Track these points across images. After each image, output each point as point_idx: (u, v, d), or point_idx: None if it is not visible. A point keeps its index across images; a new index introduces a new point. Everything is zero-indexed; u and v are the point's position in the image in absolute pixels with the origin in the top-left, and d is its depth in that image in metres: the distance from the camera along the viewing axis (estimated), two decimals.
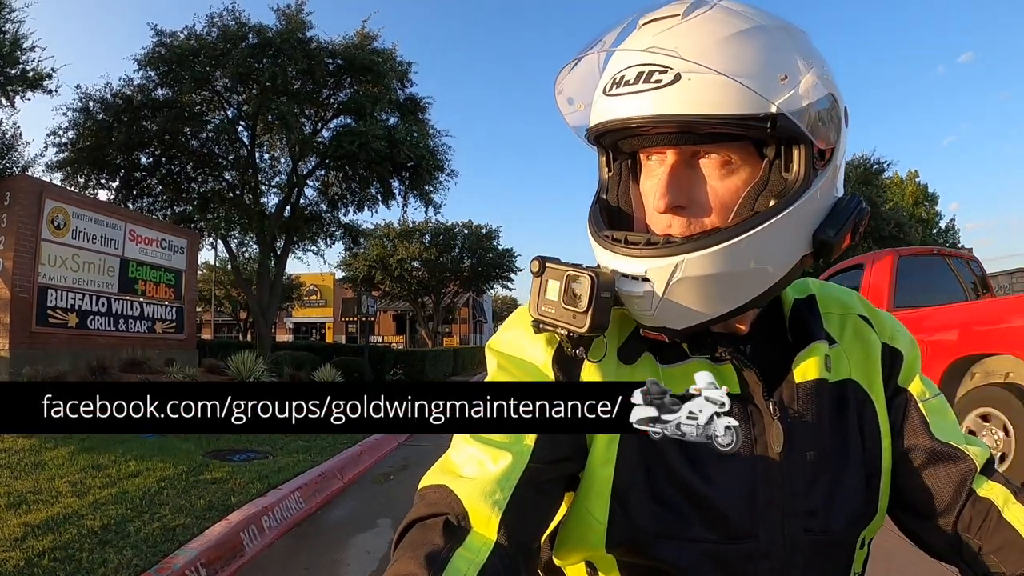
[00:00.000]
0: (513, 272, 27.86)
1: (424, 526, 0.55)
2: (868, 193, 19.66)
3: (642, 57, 0.57)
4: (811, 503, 0.61)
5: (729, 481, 0.60)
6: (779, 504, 0.60)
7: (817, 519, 0.61)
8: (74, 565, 3.00)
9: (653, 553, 0.59)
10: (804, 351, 0.64)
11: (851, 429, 0.65)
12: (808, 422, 0.63)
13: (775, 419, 0.61)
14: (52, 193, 9.29)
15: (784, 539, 0.60)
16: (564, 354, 0.63)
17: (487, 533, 0.54)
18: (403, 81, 14.59)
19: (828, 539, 0.62)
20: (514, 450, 0.57)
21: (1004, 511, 0.61)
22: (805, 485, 0.61)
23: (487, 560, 0.52)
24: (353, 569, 3.57)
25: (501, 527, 0.54)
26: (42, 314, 8.72)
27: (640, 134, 0.60)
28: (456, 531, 0.54)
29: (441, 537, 0.53)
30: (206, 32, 12.90)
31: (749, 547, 0.59)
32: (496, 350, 0.67)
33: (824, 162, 0.60)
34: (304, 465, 5.45)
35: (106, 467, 4.74)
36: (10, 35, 9.53)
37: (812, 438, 0.62)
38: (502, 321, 0.79)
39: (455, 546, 0.52)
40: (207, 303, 31.13)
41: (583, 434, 0.61)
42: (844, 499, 0.62)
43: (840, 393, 0.66)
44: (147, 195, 14.59)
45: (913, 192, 31.47)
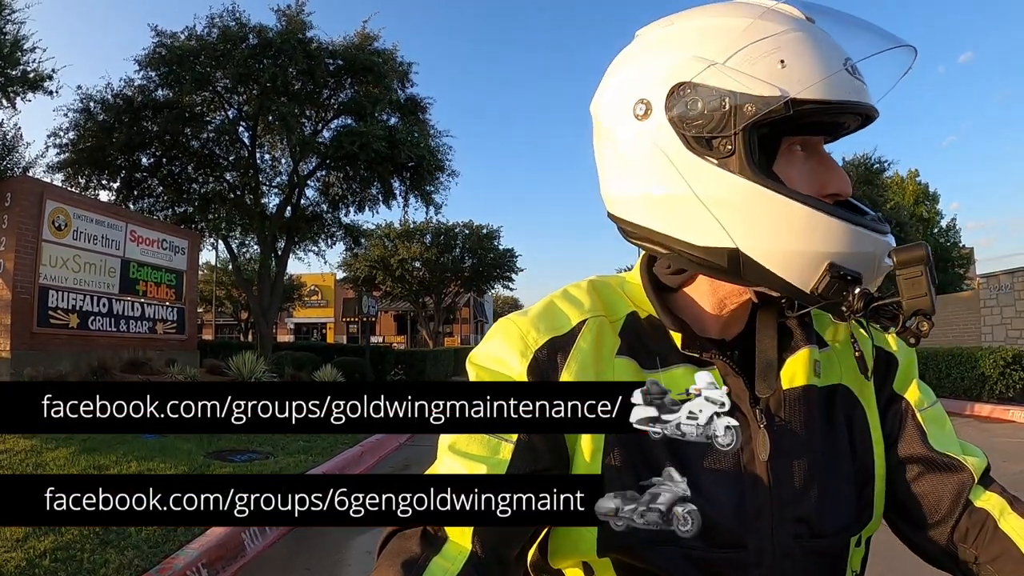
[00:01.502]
0: (514, 272, 27.87)
1: (403, 536, 0.56)
2: (869, 192, 19.62)
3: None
4: (800, 510, 0.60)
5: (717, 491, 0.59)
6: (768, 513, 0.59)
7: (807, 526, 0.60)
8: (75, 565, 3.01)
9: (644, 559, 0.59)
10: (792, 357, 0.64)
11: (840, 436, 0.65)
12: (795, 430, 0.62)
13: (761, 427, 0.61)
14: (53, 194, 9.31)
15: (774, 547, 0.59)
16: (539, 364, 0.63)
17: (462, 542, 0.55)
18: (404, 81, 14.62)
19: (819, 545, 0.61)
20: (489, 463, 0.58)
21: (1000, 522, 0.61)
22: (794, 493, 0.60)
23: (461, 569, 0.53)
24: (354, 569, 3.57)
25: (475, 537, 0.55)
26: (43, 315, 8.73)
27: (840, 121, 0.63)
28: (433, 540, 0.55)
29: (419, 546, 0.54)
30: (206, 33, 12.92)
31: (739, 556, 0.59)
32: (474, 363, 0.66)
33: None
34: (305, 465, 5.45)
35: (107, 467, 4.74)
36: (11, 36, 9.54)
37: (800, 445, 0.62)
38: None
39: (431, 554, 0.54)
40: (208, 304, 31.15)
41: (571, 439, 0.61)
42: (834, 506, 0.62)
43: (830, 398, 0.66)
44: (148, 196, 14.61)
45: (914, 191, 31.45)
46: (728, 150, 0.57)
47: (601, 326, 0.65)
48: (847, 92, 0.57)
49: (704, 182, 0.58)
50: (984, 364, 10.70)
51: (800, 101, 0.55)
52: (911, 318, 0.55)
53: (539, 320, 0.65)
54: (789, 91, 0.55)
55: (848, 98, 0.57)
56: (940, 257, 30.95)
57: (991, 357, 10.68)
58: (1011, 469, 5.62)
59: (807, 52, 0.57)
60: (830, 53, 0.58)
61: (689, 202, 0.59)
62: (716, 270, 0.60)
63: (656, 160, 0.60)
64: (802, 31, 0.58)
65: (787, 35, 0.57)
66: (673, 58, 0.60)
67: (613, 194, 0.66)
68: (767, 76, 0.56)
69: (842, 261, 0.56)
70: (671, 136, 0.59)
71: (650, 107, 0.60)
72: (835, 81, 0.56)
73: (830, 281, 0.56)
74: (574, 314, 0.66)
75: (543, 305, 0.68)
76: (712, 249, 0.59)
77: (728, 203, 0.58)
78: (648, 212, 0.62)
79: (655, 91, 0.60)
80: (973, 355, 11.12)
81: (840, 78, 0.56)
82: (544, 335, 0.64)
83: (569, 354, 0.63)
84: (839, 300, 0.57)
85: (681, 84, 0.58)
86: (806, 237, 0.56)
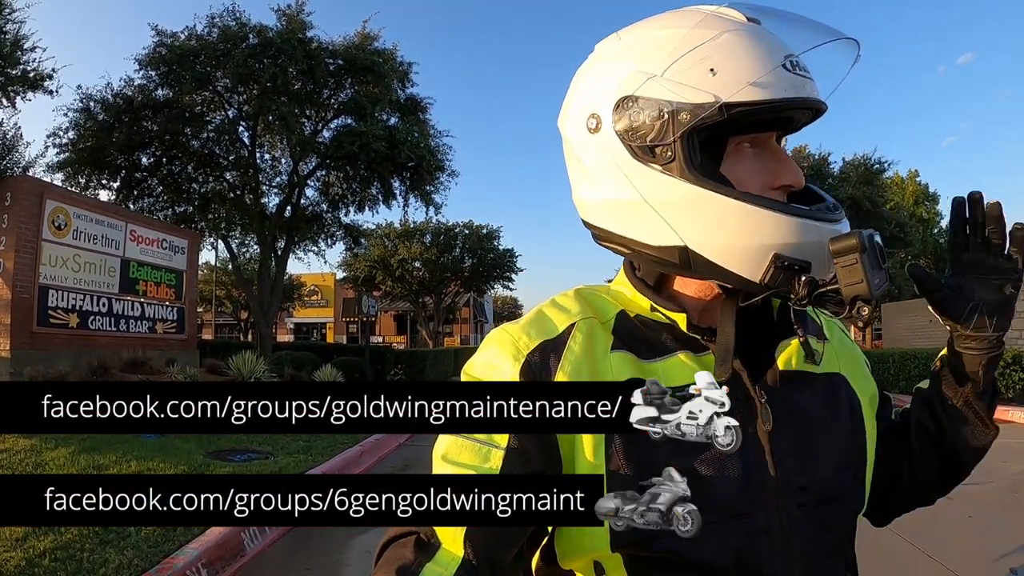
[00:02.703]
0: (514, 272, 27.87)
1: (398, 544, 0.58)
2: (869, 193, 19.61)
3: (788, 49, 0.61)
4: (802, 481, 0.63)
5: (722, 464, 0.61)
6: (772, 483, 0.62)
7: (809, 495, 0.63)
8: (75, 565, 3.01)
9: (658, 544, 0.59)
10: (787, 340, 0.67)
11: (840, 416, 0.69)
12: (795, 405, 0.65)
13: (762, 402, 0.63)
14: (53, 193, 9.31)
15: (780, 515, 0.62)
16: (532, 367, 0.64)
17: (455, 548, 0.56)
18: (403, 81, 14.61)
19: (823, 515, 0.64)
20: (480, 470, 0.59)
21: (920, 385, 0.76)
22: (795, 463, 0.63)
23: (454, 573, 0.54)
24: (354, 569, 3.57)
25: (467, 543, 0.56)
26: (43, 314, 8.73)
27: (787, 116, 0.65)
28: (427, 547, 0.56)
29: (412, 553, 0.56)
30: (207, 33, 12.92)
31: (747, 524, 0.61)
32: (468, 374, 0.68)
33: None
34: (304, 465, 5.45)
35: (107, 467, 4.75)
36: (11, 36, 9.54)
37: (800, 420, 0.65)
38: (503, 321, 0.80)
39: (425, 561, 0.55)
40: (208, 303, 31.15)
41: (566, 441, 0.62)
42: (836, 478, 0.65)
43: (829, 383, 0.70)
44: (148, 195, 14.61)
45: (914, 192, 31.48)
46: (669, 157, 0.61)
47: (592, 327, 0.67)
48: (783, 90, 0.59)
49: (651, 188, 0.62)
50: None
51: (732, 105, 0.59)
52: (853, 304, 0.58)
53: (530, 327, 0.68)
54: (721, 96, 0.59)
55: (783, 95, 0.59)
56: (940, 257, 30.99)
57: None
58: (1011, 469, 5.62)
59: (739, 55, 0.60)
60: (765, 53, 0.60)
61: (641, 206, 0.63)
62: (671, 266, 0.65)
63: (610, 170, 0.65)
64: (737, 33, 0.61)
65: (720, 40, 0.60)
66: (619, 72, 0.64)
67: (581, 201, 0.71)
68: (699, 83, 0.59)
69: (787, 252, 0.59)
70: (619, 147, 0.63)
71: (600, 121, 0.65)
72: (769, 81, 0.59)
73: (775, 271, 0.59)
74: (563, 318, 0.68)
75: (533, 314, 0.71)
76: (665, 248, 0.63)
77: (674, 205, 0.62)
78: (610, 217, 0.67)
79: (603, 106, 0.65)
80: None
81: (776, 76, 0.59)
82: (535, 339, 0.66)
83: (562, 356, 0.64)
84: (787, 289, 0.60)
85: (625, 98, 0.63)
86: (748, 232, 0.60)
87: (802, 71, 0.61)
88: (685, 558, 0.59)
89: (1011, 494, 4.81)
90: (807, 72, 0.61)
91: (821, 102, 0.63)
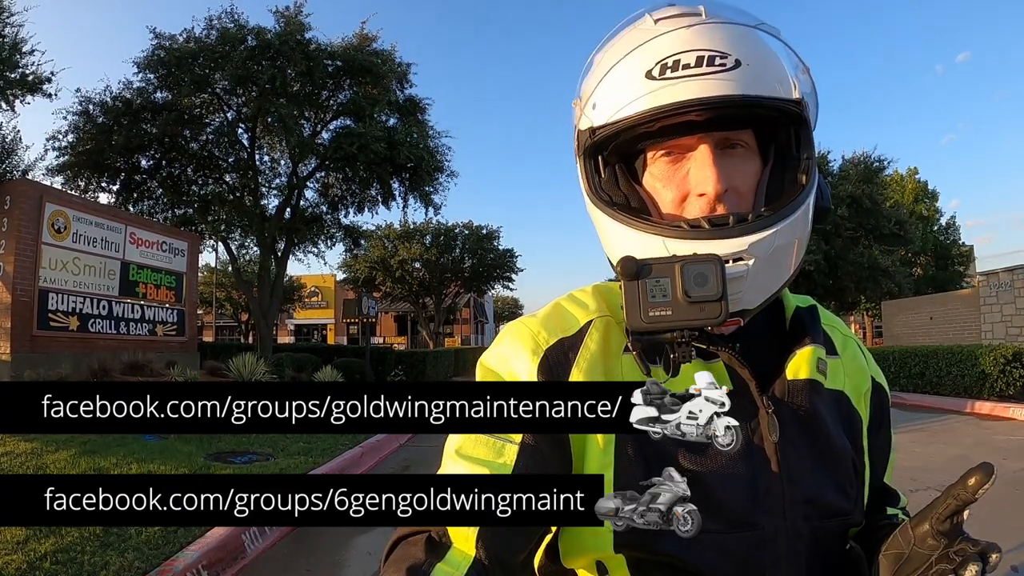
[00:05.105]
0: (514, 272, 27.85)
1: (409, 542, 0.57)
2: (869, 191, 19.59)
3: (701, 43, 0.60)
4: (807, 492, 0.62)
5: (728, 473, 0.60)
6: (778, 493, 0.61)
7: (814, 507, 0.63)
8: (76, 568, 3.01)
9: (660, 547, 0.59)
10: (800, 350, 0.66)
11: (843, 432, 0.68)
12: (802, 416, 0.64)
13: (769, 412, 0.62)
14: (52, 197, 9.30)
15: (786, 526, 0.61)
16: (550, 363, 0.64)
17: (466, 548, 0.55)
18: (402, 82, 14.59)
19: (826, 528, 0.63)
20: (492, 467, 0.58)
21: None
22: (801, 474, 0.62)
23: (465, 574, 0.54)
24: (354, 570, 3.57)
25: (479, 542, 0.55)
26: (43, 317, 8.73)
27: (678, 122, 0.61)
28: (438, 547, 0.56)
29: (423, 552, 0.55)
30: (205, 35, 12.90)
31: (753, 535, 0.60)
32: (484, 365, 0.68)
33: None
34: (305, 467, 5.45)
35: (107, 470, 4.74)
36: (10, 39, 9.54)
37: (806, 431, 0.64)
38: (503, 321, 0.80)
39: (435, 560, 0.54)
40: (208, 305, 31.15)
41: (577, 438, 0.62)
42: (837, 492, 0.64)
43: (836, 400, 0.69)
44: (147, 198, 14.60)
45: (913, 189, 31.47)
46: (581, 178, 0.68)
47: (608, 325, 0.67)
48: (647, 102, 0.60)
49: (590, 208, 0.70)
50: (984, 362, 10.69)
51: (597, 129, 0.64)
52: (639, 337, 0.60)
53: (548, 321, 0.68)
54: (595, 120, 0.64)
55: (645, 107, 0.60)
56: (940, 255, 30.98)
57: (991, 355, 10.66)
58: (1011, 467, 5.62)
59: (613, 78, 0.63)
60: (633, 69, 0.61)
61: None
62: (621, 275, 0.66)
63: None
64: (630, 50, 0.63)
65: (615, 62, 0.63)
66: (582, 101, 0.69)
67: None
68: (587, 107, 0.65)
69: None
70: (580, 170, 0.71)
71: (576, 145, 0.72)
72: (633, 95, 0.61)
73: None
74: (581, 315, 0.68)
75: (550, 308, 0.71)
76: (611, 259, 0.68)
77: (595, 222, 0.69)
78: None
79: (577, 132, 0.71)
80: (973, 353, 11.11)
81: (641, 90, 0.60)
82: (554, 335, 0.66)
83: (578, 353, 0.64)
84: None
85: (576, 128, 0.70)
86: (610, 244, 0.67)
87: (681, 72, 0.59)
88: (688, 564, 0.59)
89: (1011, 491, 4.80)
90: (691, 71, 0.59)
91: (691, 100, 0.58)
